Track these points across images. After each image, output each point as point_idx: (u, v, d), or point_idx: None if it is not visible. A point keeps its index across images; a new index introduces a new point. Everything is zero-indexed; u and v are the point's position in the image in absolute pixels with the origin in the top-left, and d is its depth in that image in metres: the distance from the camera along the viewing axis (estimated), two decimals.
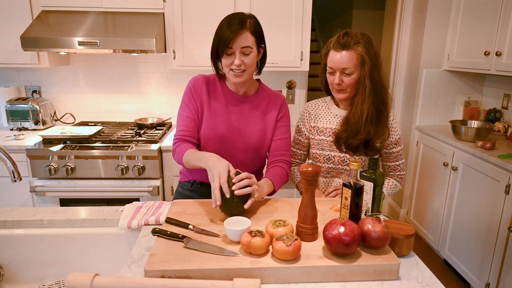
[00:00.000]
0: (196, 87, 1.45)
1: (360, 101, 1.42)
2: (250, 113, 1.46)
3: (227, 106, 1.45)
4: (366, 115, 1.41)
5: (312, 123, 1.58)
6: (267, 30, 2.56)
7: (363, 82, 1.39)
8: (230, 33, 1.29)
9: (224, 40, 1.29)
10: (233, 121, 1.44)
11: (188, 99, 1.46)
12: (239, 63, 1.32)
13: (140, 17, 2.47)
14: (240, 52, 1.31)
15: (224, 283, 0.86)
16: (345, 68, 1.39)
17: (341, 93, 1.46)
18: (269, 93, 1.52)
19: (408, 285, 0.95)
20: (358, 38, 1.38)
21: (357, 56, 1.38)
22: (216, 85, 1.47)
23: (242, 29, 1.30)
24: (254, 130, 1.45)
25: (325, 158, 1.53)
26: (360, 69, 1.40)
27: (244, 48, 1.31)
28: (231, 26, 1.30)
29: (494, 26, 2.42)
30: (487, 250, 2.24)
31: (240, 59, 1.32)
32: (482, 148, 2.34)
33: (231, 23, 1.30)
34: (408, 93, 3.28)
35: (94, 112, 3.00)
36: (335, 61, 1.40)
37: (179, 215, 1.23)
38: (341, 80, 1.42)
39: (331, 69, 1.43)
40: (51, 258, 1.29)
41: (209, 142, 1.44)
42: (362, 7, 5.20)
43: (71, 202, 2.35)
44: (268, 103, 1.49)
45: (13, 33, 2.46)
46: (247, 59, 1.33)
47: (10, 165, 1.18)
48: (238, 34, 1.29)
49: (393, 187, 1.56)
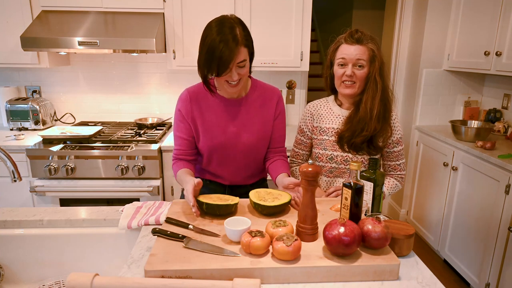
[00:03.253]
0: (185, 107, 1.43)
1: (370, 97, 1.43)
2: (246, 115, 1.46)
3: (222, 114, 1.44)
4: (376, 111, 1.42)
5: (314, 123, 1.59)
6: (267, 30, 2.59)
7: (373, 79, 1.41)
8: (229, 53, 1.21)
9: (223, 62, 1.22)
10: (230, 128, 1.44)
11: (179, 120, 1.46)
12: (237, 78, 1.29)
13: (140, 17, 2.47)
14: (235, 67, 1.27)
15: (224, 283, 0.86)
16: (359, 60, 1.40)
17: (350, 88, 1.45)
18: (263, 89, 1.51)
19: (408, 285, 0.95)
20: (369, 36, 1.43)
21: (369, 52, 1.41)
22: (206, 95, 1.44)
23: (237, 46, 1.23)
24: (253, 131, 1.46)
25: (327, 157, 1.54)
26: (370, 65, 1.42)
27: (240, 63, 1.27)
28: (227, 44, 1.21)
29: (494, 26, 2.42)
30: (487, 250, 2.24)
31: (236, 73, 1.28)
32: (482, 148, 2.34)
33: (226, 39, 1.21)
34: (408, 93, 3.28)
35: (94, 112, 3.00)
36: (349, 53, 1.41)
37: (179, 215, 1.23)
38: (353, 72, 1.42)
39: (344, 60, 1.43)
40: (51, 258, 1.29)
41: (211, 153, 1.48)
42: (362, 7, 5.20)
43: (71, 202, 2.35)
44: (264, 101, 1.49)
45: (13, 33, 2.46)
46: (242, 71, 1.30)
47: (10, 165, 1.18)
48: (236, 53, 1.23)
49: (393, 186, 1.57)
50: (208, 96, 1.44)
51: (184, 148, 1.48)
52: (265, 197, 1.26)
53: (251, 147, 1.47)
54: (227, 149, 1.46)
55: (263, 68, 2.63)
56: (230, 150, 1.46)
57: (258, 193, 1.29)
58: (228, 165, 1.51)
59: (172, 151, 1.53)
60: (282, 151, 1.57)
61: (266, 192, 1.31)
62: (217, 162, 1.51)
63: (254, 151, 1.49)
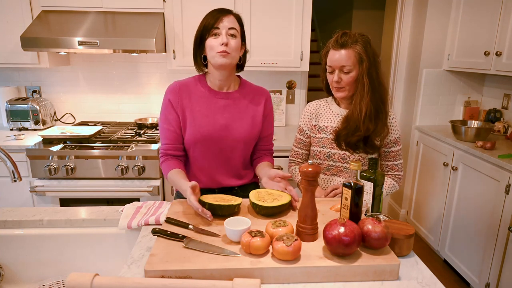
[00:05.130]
0: (174, 96, 1.44)
1: (358, 99, 1.45)
2: (235, 109, 1.46)
3: (211, 105, 1.44)
4: (365, 112, 1.43)
5: (313, 122, 1.60)
6: (267, 30, 2.59)
7: (361, 80, 1.43)
8: (217, 13, 1.35)
9: (210, 21, 1.34)
10: (219, 120, 1.44)
11: (168, 110, 1.44)
12: (226, 42, 1.32)
13: (140, 17, 2.47)
14: (226, 33, 1.33)
15: (224, 283, 0.86)
16: (344, 66, 1.42)
17: (340, 92, 1.48)
18: (252, 88, 1.53)
19: (408, 285, 0.95)
20: (356, 37, 1.42)
21: (355, 54, 1.41)
22: (196, 86, 1.46)
23: (228, 13, 1.36)
24: (242, 125, 1.46)
25: (325, 155, 1.56)
26: (358, 67, 1.42)
27: (230, 30, 1.34)
28: (219, 10, 1.37)
29: (494, 26, 2.42)
30: (487, 250, 2.24)
31: (227, 38, 1.33)
32: (482, 148, 2.34)
33: (216, 10, 1.38)
34: (408, 93, 3.28)
35: (94, 112, 3.00)
36: (334, 60, 1.44)
37: (179, 215, 1.23)
38: (340, 78, 1.45)
39: (331, 68, 1.47)
40: (51, 258, 1.29)
41: (195, 146, 1.45)
42: (362, 7, 5.20)
43: (71, 202, 2.35)
44: (253, 98, 1.50)
45: (13, 33, 2.46)
46: (233, 42, 1.35)
47: (10, 165, 1.18)
48: (225, 15, 1.35)
49: (391, 186, 1.57)
50: (198, 88, 1.46)
51: (172, 142, 1.45)
52: (264, 198, 1.25)
53: (238, 141, 1.46)
54: (215, 142, 1.44)
55: (263, 68, 2.63)
56: (217, 143, 1.44)
57: (259, 193, 1.29)
58: (212, 159, 1.47)
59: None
60: (269, 148, 1.60)
61: (267, 193, 1.30)
62: (200, 157, 1.47)
63: (241, 146, 1.47)
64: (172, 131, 1.45)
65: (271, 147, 1.62)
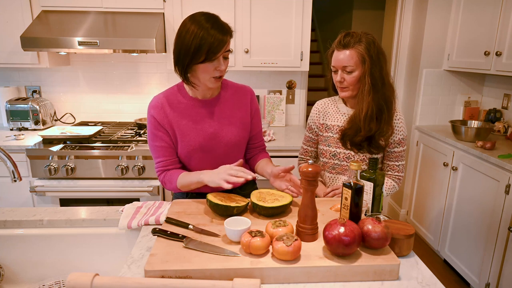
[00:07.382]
0: (158, 113, 1.37)
1: (361, 98, 1.46)
2: (221, 114, 1.42)
3: (196, 116, 1.39)
4: (366, 112, 1.44)
5: (321, 120, 1.62)
6: (267, 30, 2.59)
7: (363, 80, 1.43)
8: (220, 35, 1.21)
9: (216, 46, 1.20)
10: (207, 129, 1.40)
11: (155, 128, 1.38)
12: (223, 68, 1.28)
13: (140, 17, 2.47)
14: (223, 56, 1.26)
15: (224, 283, 0.86)
16: (346, 66, 1.43)
17: (344, 91, 1.50)
18: (235, 88, 1.48)
19: (408, 285, 0.95)
20: (360, 37, 1.42)
21: (357, 55, 1.41)
22: (178, 99, 1.39)
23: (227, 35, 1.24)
24: (231, 130, 1.43)
25: (331, 154, 1.58)
26: (361, 67, 1.43)
27: (226, 52, 1.27)
28: (222, 29, 1.22)
29: (494, 26, 2.42)
30: (487, 250, 2.24)
31: (223, 62, 1.27)
32: (482, 148, 2.34)
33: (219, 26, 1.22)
34: (408, 93, 3.28)
35: (94, 112, 3.00)
36: (337, 60, 1.45)
37: (179, 215, 1.23)
38: (343, 78, 1.46)
39: (334, 68, 1.49)
40: (51, 258, 1.29)
41: (189, 159, 1.43)
42: (362, 7, 5.20)
43: (71, 202, 2.35)
44: (237, 99, 1.46)
45: (13, 33, 2.46)
46: (226, 62, 1.30)
47: (10, 165, 1.18)
48: (227, 36, 1.23)
49: (391, 187, 1.57)
50: (179, 100, 1.39)
51: (169, 157, 1.40)
52: (265, 198, 1.25)
53: (230, 146, 1.44)
54: (208, 151, 1.41)
55: (263, 68, 2.63)
56: (211, 151, 1.42)
57: (260, 193, 1.29)
58: (208, 167, 1.42)
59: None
60: (261, 145, 1.60)
61: (268, 193, 1.30)
62: (197, 167, 1.44)
63: (233, 149, 1.45)
64: (166, 147, 1.40)
65: (263, 143, 1.60)
